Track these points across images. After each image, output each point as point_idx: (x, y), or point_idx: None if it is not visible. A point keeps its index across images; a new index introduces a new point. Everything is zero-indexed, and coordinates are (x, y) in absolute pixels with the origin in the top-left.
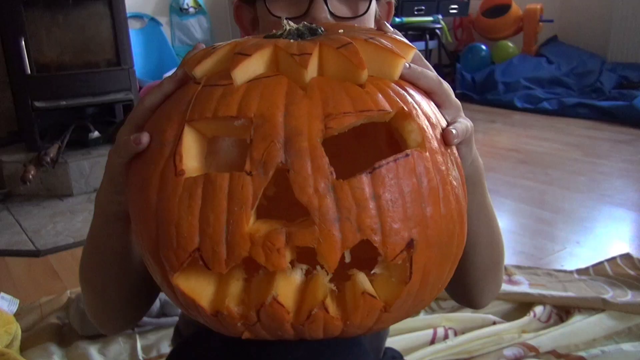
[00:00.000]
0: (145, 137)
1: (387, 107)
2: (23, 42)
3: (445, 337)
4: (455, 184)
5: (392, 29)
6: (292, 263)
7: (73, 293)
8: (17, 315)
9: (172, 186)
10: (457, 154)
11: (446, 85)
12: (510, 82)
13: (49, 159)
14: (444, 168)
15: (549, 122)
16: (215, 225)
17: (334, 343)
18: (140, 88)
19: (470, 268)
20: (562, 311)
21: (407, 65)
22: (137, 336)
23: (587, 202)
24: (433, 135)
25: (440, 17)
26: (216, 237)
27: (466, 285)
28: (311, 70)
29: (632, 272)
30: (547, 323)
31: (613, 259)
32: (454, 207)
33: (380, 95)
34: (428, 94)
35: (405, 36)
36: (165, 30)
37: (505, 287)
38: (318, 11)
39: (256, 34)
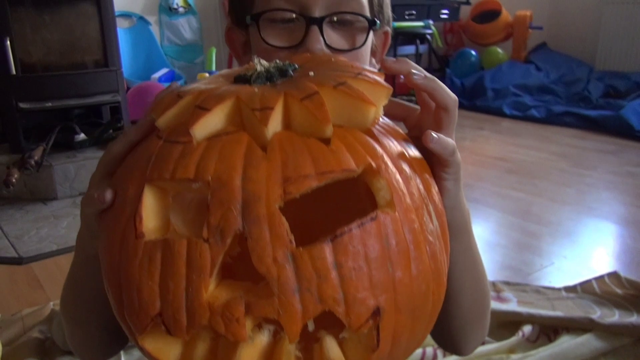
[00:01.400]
0: (108, 195)
1: (352, 166)
2: (8, 42)
3: (434, 357)
4: (431, 239)
5: (393, 60)
6: (258, 325)
7: (56, 305)
8: None
9: (133, 249)
10: (437, 199)
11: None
12: (499, 88)
13: (33, 162)
14: (417, 226)
15: (537, 130)
16: (175, 292)
17: None
18: (128, 89)
19: (454, 315)
20: (550, 330)
21: (423, 74)
22: (122, 353)
23: (573, 215)
24: (406, 191)
25: (431, 22)
26: (176, 304)
27: (451, 332)
28: (273, 126)
29: (619, 291)
30: (536, 343)
31: (601, 277)
32: (428, 266)
33: (346, 152)
34: (438, 107)
35: (396, 41)
36: (154, 29)
37: (494, 304)
38: (313, 42)
39: (247, 57)
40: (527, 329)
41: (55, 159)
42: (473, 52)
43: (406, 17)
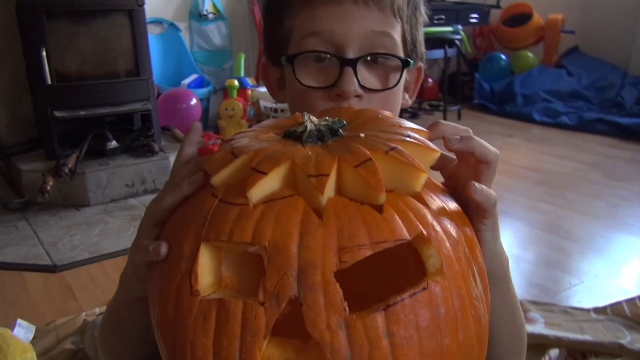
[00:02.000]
0: (164, 249)
1: (404, 235)
2: (44, 53)
3: None
4: (476, 303)
5: (445, 123)
6: None
7: (88, 315)
8: (33, 339)
9: (188, 305)
10: (480, 258)
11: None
12: (529, 94)
13: (67, 170)
14: (464, 292)
15: (568, 137)
16: (229, 350)
17: None
18: (159, 95)
19: (491, 358)
20: (578, 355)
21: (459, 137)
22: None
23: (605, 230)
24: (454, 257)
25: (460, 27)
26: None
27: None
28: (328, 191)
29: None
30: None
31: (632, 300)
32: (473, 331)
33: (398, 220)
34: (479, 161)
35: (424, 46)
36: (184, 35)
37: None
38: (347, 83)
39: (282, 93)
40: (554, 353)
41: (88, 166)
42: (503, 56)
43: (435, 21)
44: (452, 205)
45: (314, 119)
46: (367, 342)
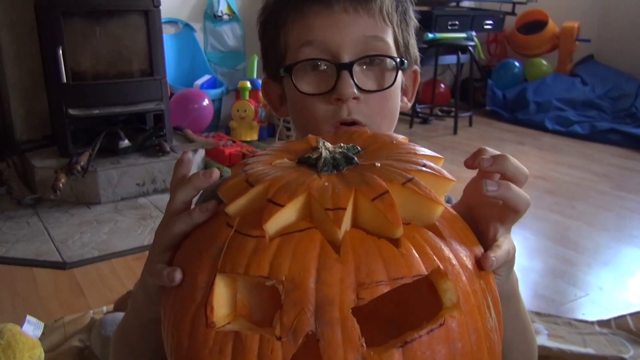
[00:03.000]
0: (178, 275)
1: (422, 270)
2: (60, 51)
3: None
4: (491, 335)
5: (486, 154)
6: None
7: (96, 313)
8: (42, 335)
9: (203, 336)
10: (494, 286)
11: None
12: (542, 101)
13: (79, 167)
14: (480, 325)
15: (579, 147)
16: None
17: None
18: (172, 95)
19: None
20: None
21: (495, 183)
22: None
23: (612, 243)
24: (470, 290)
25: (474, 34)
26: None
27: None
28: (345, 225)
29: None
30: None
31: (637, 313)
32: None
33: (415, 254)
34: (508, 207)
35: (437, 51)
36: (199, 36)
37: None
38: (345, 86)
39: (284, 109)
40: None
41: (100, 164)
42: (516, 63)
43: (449, 27)
44: (466, 233)
45: (328, 145)
46: None
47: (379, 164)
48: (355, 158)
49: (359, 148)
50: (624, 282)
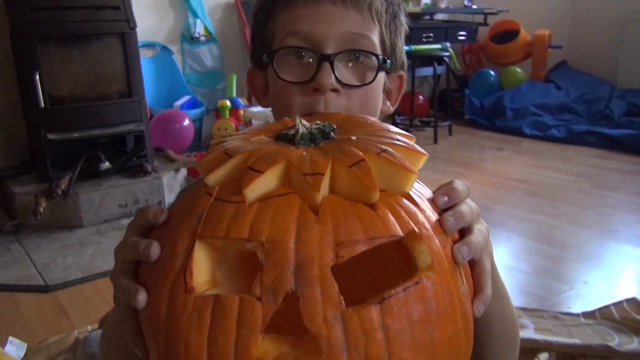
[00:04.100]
0: (156, 249)
1: (398, 231)
2: (37, 76)
3: None
4: (463, 299)
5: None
6: None
7: (81, 333)
8: (25, 357)
9: (182, 302)
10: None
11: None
12: (518, 108)
13: (60, 191)
14: (453, 288)
15: (558, 150)
16: (224, 346)
17: None
18: (151, 116)
19: (485, 347)
20: (568, 358)
21: (455, 221)
22: None
23: (595, 239)
24: (443, 254)
25: (448, 45)
26: (224, 359)
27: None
28: (323, 190)
29: (638, 317)
30: None
31: (620, 303)
32: (461, 326)
33: (391, 217)
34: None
35: (413, 63)
36: (177, 58)
37: None
38: (324, 76)
39: (267, 99)
40: (543, 357)
41: (81, 187)
42: (492, 72)
43: (423, 39)
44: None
45: (305, 122)
46: (362, 335)
47: (354, 138)
48: (332, 133)
49: (334, 126)
50: (607, 275)
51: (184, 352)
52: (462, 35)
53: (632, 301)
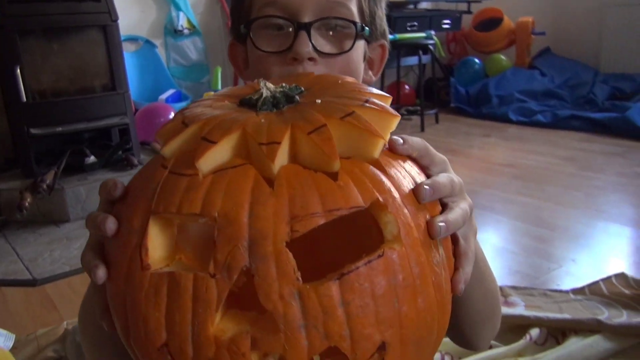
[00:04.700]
0: (110, 224)
1: (359, 202)
2: (18, 71)
3: None
4: (437, 270)
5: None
6: (264, 355)
7: (70, 324)
8: (14, 349)
9: (139, 279)
10: None
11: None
12: (504, 95)
13: (45, 186)
14: (423, 259)
15: (543, 135)
16: (181, 324)
17: None
18: (136, 110)
19: (464, 318)
20: (558, 333)
21: (430, 190)
22: None
23: (582, 219)
24: (413, 224)
25: (433, 33)
26: (182, 336)
27: (463, 332)
28: (280, 160)
29: (627, 292)
30: (544, 346)
31: (608, 278)
32: (434, 297)
33: (353, 187)
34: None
35: (398, 52)
36: (160, 51)
37: (502, 309)
38: (301, 46)
39: (249, 72)
40: (534, 332)
41: (67, 182)
42: (477, 60)
43: (408, 28)
44: (416, 173)
45: (270, 85)
46: (321, 312)
47: (319, 101)
48: (297, 97)
49: (302, 88)
50: (595, 253)
51: (143, 328)
52: (446, 23)
53: (620, 276)
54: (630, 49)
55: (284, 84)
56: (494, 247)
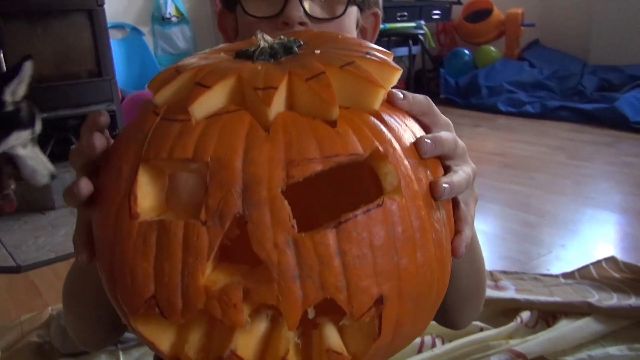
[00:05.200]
0: (97, 140)
1: (358, 149)
2: (1, 55)
3: (433, 345)
4: (437, 226)
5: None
6: (257, 309)
7: (54, 310)
8: None
9: (127, 229)
10: None
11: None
12: (493, 86)
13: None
14: (424, 213)
15: (533, 125)
16: (171, 274)
17: None
18: (123, 98)
19: (449, 296)
20: (549, 316)
21: (432, 144)
22: (120, 353)
23: (571, 206)
24: (413, 177)
25: (423, 22)
26: (171, 287)
27: (445, 309)
28: (276, 106)
29: (617, 275)
30: (534, 329)
31: (598, 262)
32: (434, 254)
33: (352, 135)
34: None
35: (388, 42)
36: (148, 39)
37: (492, 293)
38: (292, 10)
39: (238, 41)
40: (525, 315)
41: None
42: (466, 52)
43: (398, 18)
44: (418, 129)
45: (268, 37)
46: (317, 262)
47: (318, 52)
48: (295, 48)
49: (300, 42)
50: (584, 239)
51: (130, 281)
52: (436, 14)
53: (610, 260)
54: (619, 42)
55: (282, 37)
56: (484, 233)
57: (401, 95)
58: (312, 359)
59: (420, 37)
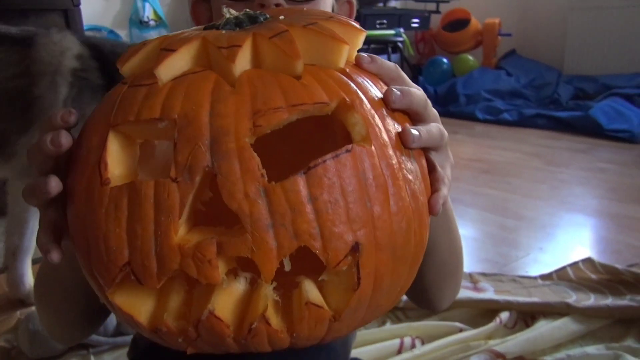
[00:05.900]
0: (64, 138)
1: (324, 98)
2: None
3: (412, 346)
4: (410, 177)
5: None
6: (234, 272)
7: (22, 314)
8: None
9: (98, 197)
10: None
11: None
12: (471, 94)
13: None
14: (394, 162)
15: (510, 132)
16: (143, 237)
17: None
18: None
19: (428, 271)
20: (528, 316)
21: (400, 96)
22: (92, 357)
23: (548, 209)
24: (382, 127)
25: (402, 30)
26: (145, 250)
27: (424, 288)
28: (241, 64)
29: (593, 276)
30: (513, 329)
31: (575, 263)
32: (409, 204)
33: (318, 86)
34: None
35: (367, 49)
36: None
37: (471, 294)
38: None
39: None
40: (504, 315)
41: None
42: (445, 60)
43: (377, 25)
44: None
45: (234, 12)
46: (289, 209)
47: (282, 17)
48: (261, 18)
49: (267, 15)
50: (561, 241)
51: (104, 248)
52: (415, 22)
53: (587, 261)
54: (593, 52)
55: (247, 10)
56: (463, 237)
57: (369, 58)
58: (292, 314)
59: (400, 45)
